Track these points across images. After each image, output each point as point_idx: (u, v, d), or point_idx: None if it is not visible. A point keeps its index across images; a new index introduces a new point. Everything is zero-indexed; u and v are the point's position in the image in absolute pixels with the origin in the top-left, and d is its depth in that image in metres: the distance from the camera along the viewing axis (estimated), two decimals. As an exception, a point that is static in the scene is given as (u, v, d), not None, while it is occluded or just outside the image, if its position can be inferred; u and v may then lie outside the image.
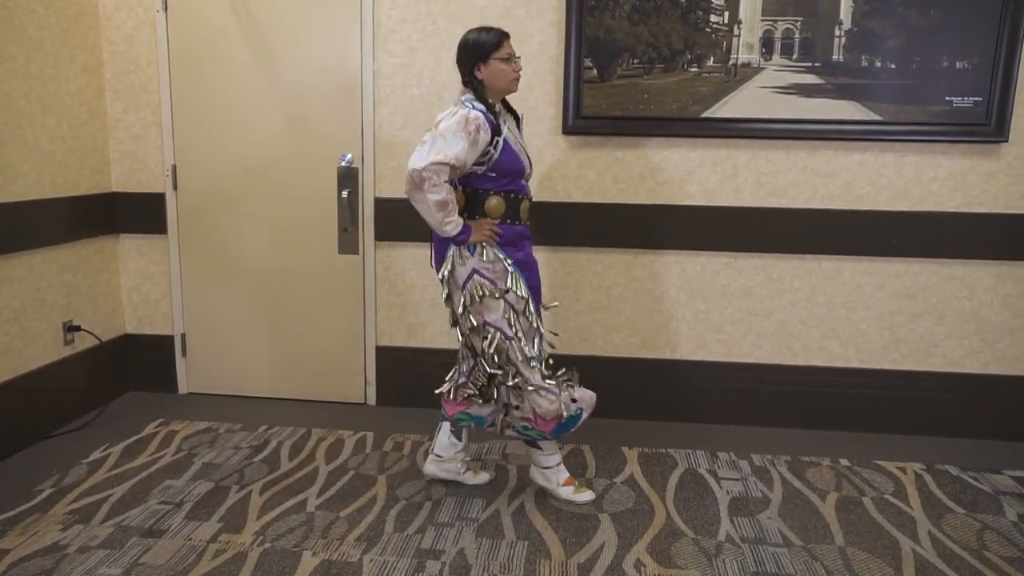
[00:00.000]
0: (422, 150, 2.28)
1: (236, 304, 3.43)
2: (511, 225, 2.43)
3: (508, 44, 2.38)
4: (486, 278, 2.40)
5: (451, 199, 2.30)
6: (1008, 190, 2.98)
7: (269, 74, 3.22)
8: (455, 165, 2.27)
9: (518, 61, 2.41)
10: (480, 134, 2.29)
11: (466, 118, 2.28)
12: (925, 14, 2.88)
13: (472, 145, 2.28)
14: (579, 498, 2.57)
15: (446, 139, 2.28)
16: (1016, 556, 2.28)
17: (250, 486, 2.64)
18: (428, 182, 2.25)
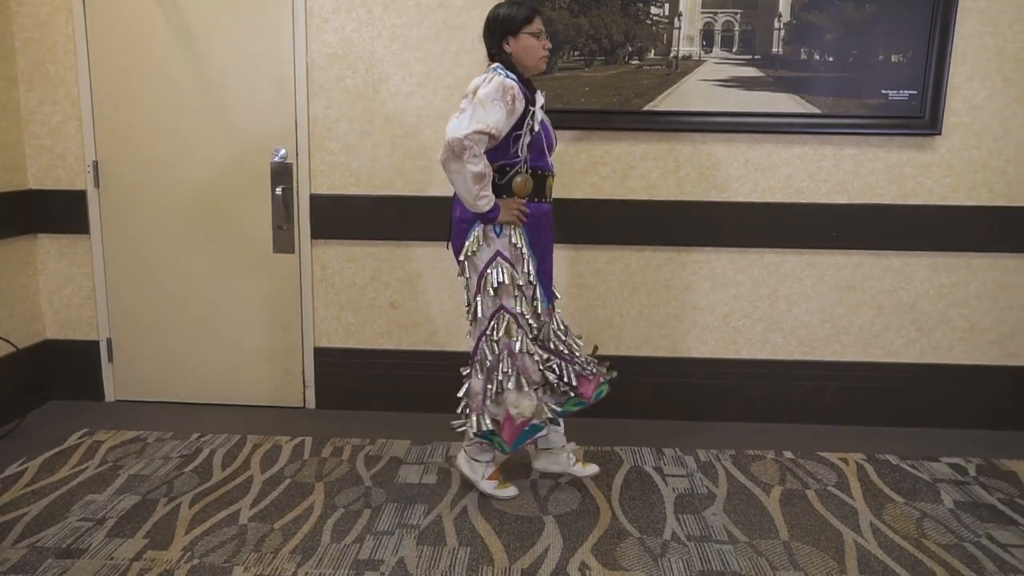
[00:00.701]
0: (461, 118, 2.19)
1: (165, 306, 3.27)
2: (538, 203, 2.37)
3: (539, 21, 2.32)
4: (508, 262, 2.34)
5: (489, 172, 2.23)
6: (941, 182, 3.02)
7: (196, 65, 3.07)
8: (494, 134, 2.19)
9: (547, 40, 2.35)
10: (516, 103, 2.21)
11: (502, 85, 2.20)
12: (861, 8, 2.90)
13: (509, 114, 2.21)
14: (501, 494, 2.54)
15: (485, 107, 2.19)
16: (953, 543, 2.30)
17: (179, 498, 2.51)
18: (468, 152, 2.17)
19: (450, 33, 3.00)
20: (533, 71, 2.36)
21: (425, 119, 3.07)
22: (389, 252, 3.18)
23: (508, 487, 2.56)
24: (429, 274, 3.19)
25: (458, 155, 2.17)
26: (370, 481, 2.66)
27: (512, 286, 2.34)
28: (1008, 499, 2.58)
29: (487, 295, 2.36)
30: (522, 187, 2.32)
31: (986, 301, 3.10)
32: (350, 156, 3.11)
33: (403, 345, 3.26)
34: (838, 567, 2.18)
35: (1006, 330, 3.12)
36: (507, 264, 2.33)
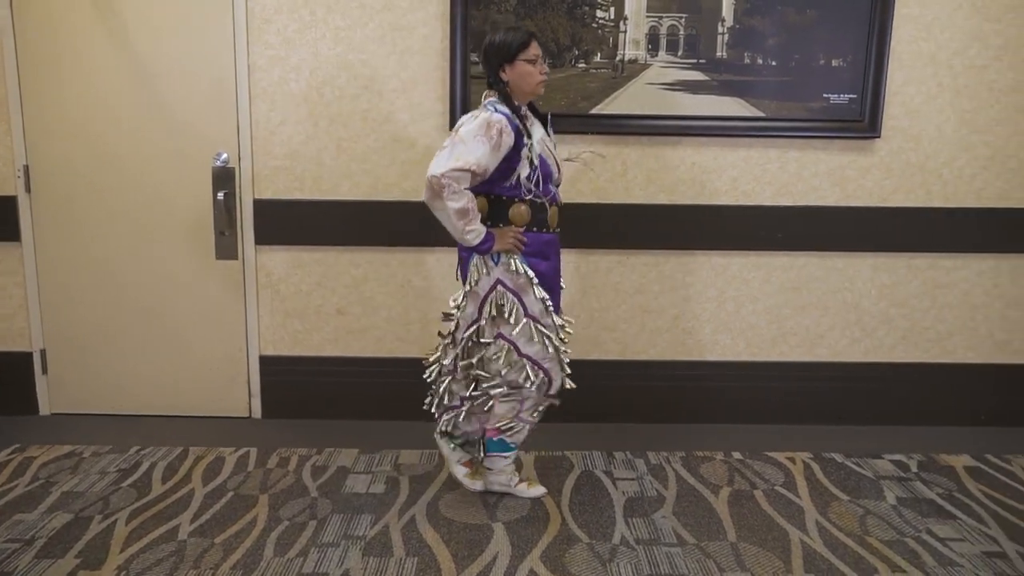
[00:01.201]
0: (441, 155, 2.17)
1: (104, 315, 3.16)
2: (538, 233, 2.34)
3: (535, 45, 2.29)
4: (510, 290, 2.31)
5: (472, 207, 2.20)
6: (882, 184, 3.08)
7: (133, 66, 2.98)
8: (476, 171, 2.17)
9: (545, 64, 2.34)
10: (503, 138, 2.20)
11: (488, 121, 2.19)
12: (802, 13, 2.94)
13: (494, 150, 2.19)
14: (469, 484, 2.56)
15: (466, 144, 2.17)
16: (895, 539, 2.34)
17: (115, 515, 2.42)
18: (448, 189, 2.15)
19: (396, 35, 2.97)
20: (531, 97, 2.35)
21: (371, 122, 3.02)
22: (335, 258, 3.13)
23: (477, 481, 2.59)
24: (376, 279, 3.14)
25: (438, 193, 2.17)
26: (316, 492, 2.60)
27: (510, 315, 2.33)
28: (947, 493, 2.63)
29: (489, 322, 2.36)
30: (519, 217, 2.31)
31: (925, 300, 3.17)
32: (294, 160, 3.05)
33: (351, 352, 3.20)
34: (784, 567, 2.19)
35: (944, 329, 3.20)
36: (510, 293, 2.32)
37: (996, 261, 3.14)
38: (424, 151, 3.03)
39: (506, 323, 2.35)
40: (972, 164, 3.07)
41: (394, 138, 3.03)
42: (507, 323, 2.35)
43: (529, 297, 2.34)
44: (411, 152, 3.04)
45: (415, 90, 3.00)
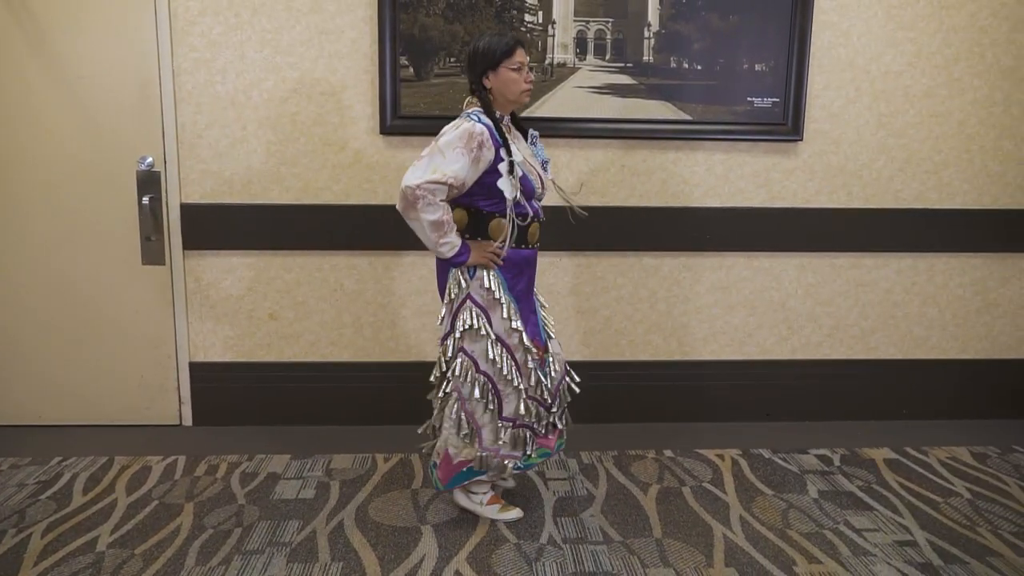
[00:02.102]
0: (418, 166, 2.12)
1: (25, 323, 3.08)
2: (517, 249, 2.29)
3: (521, 53, 2.23)
4: (478, 305, 2.27)
5: (447, 219, 2.16)
6: (805, 186, 3.17)
7: (52, 70, 2.91)
8: (453, 184, 2.13)
9: (530, 72, 2.28)
10: (483, 151, 2.15)
11: (469, 133, 2.13)
12: (725, 18, 3.01)
13: (474, 163, 2.15)
14: (506, 516, 2.44)
15: (445, 156, 2.12)
16: (814, 531, 2.40)
17: (31, 528, 2.36)
18: (422, 200, 2.11)
19: (324, 38, 2.95)
20: (514, 106, 2.30)
21: (301, 126, 3.00)
22: (267, 262, 3.09)
23: (512, 509, 2.46)
24: (309, 284, 3.12)
25: (412, 204, 2.13)
26: (244, 499, 2.57)
27: (477, 332, 2.28)
28: (866, 486, 2.72)
29: (455, 336, 2.31)
30: (499, 231, 2.26)
31: (849, 299, 3.27)
32: (223, 164, 3.01)
33: (284, 357, 3.17)
34: (705, 561, 2.24)
35: (867, 326, 3.30)
36: (477, 309, 2.28)
37: (913, 260, 3.25)
38: (354, 154, 3.02)
39: (472, 338, 2.30)
40: (890, 166, 3.17)
41: (324, 141, 3.01)
42: (473, 338, 2.30)
43: (496, 315, 2.29)
44: (342, 155, 3.03)
45: (344, 93, 2.98)
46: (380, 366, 3.18)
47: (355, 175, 3.04)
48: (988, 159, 3.20)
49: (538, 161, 2.37)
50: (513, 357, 2.32)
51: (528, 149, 2.36)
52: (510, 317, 2.29)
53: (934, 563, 2.23)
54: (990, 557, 2.26)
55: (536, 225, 2.34)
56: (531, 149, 2.38)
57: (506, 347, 2.31)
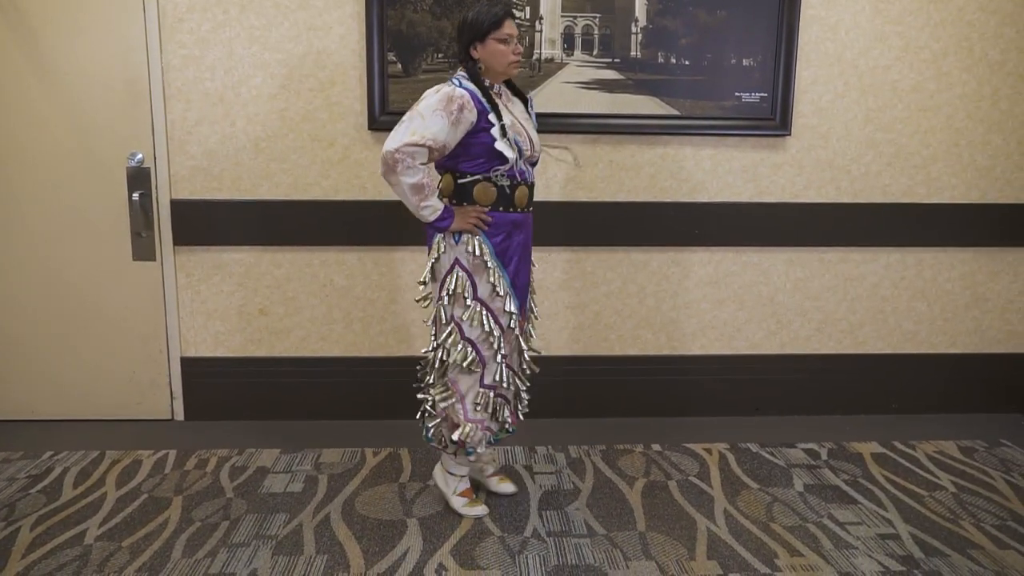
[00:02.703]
0: (398, 130, 2.15)
1: (17, 319, 3.10)
2: (504, 212, 2.28)
3: (510, 24, 2.22)
4: (465, 270, 2.28)
5: (427, 182, 2.17)
6: (793, 181, 3.17)
7: (41, 66, 2.92)
8: (432, 147, 2.14)
9: (518, 43, 2.25)
10: (464, 113, 2.15)
11: (449, 96, 2.15)
12: (713, 13, 3.01)
13: (453, 125, 2.15)
14: (470, 511, 2.45)
15: (424, 118, 2.14)
16: (797, 524, 2.41)
17: (20, 521, 2.38)
18: (401, 164, 2.13)
19: (312, 34, 2.96)
20: (503, 77, 2.29)
21: (289, 122, 3.01)
22: (257, 258, 3.11)
23: (478, 505, 2.47)
24: (299, 279, 3.13)
25: (392, 167, 2.14)
26: (232, 493, 2.59)
27: (464, 296, 2.28)
28: (852, 479, 2.73)
29: (443, 303, 2.32)
30: (483, 195, 2.25)
31: (837, 293, 3.28)
32: (212, 160, 3.03)
33: (275, 352, 3.19)
34: (687, 554, 2.25)
35: (856, 320, 3.30)
36: (463, 273, 2.28)
37: (902, 254, 3.26)
38: (343, 150, 3.03)
39: (458, 303, 2.31)
40: (878, 161, 3.17)
41: (313, 137, 3.03)
42: (460, 304, 2.31)
43: (482, 279, 2.29)
44: (330, 151, 3.04)
45: (333, 89, 2.99)
46: (370, 361, 3.20)
47: (344, 171, 3.05)
48: (977, 154, 3.21)
49: (532, 124, 2.38)
50: (498, 322, 2.33)
51: (523, 114, 2.36)
52: (495, 282, 2.30)
53: (915, 556, 2.24)
54: (971, 550, 2.27)
55: (524, 188, 2.32)
56: (528, 113, 2.38)
57: (490, 311, 2.32)
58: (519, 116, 2.33)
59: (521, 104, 2.39)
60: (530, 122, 2.37)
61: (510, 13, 2.24)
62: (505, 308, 2.33)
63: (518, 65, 2.29)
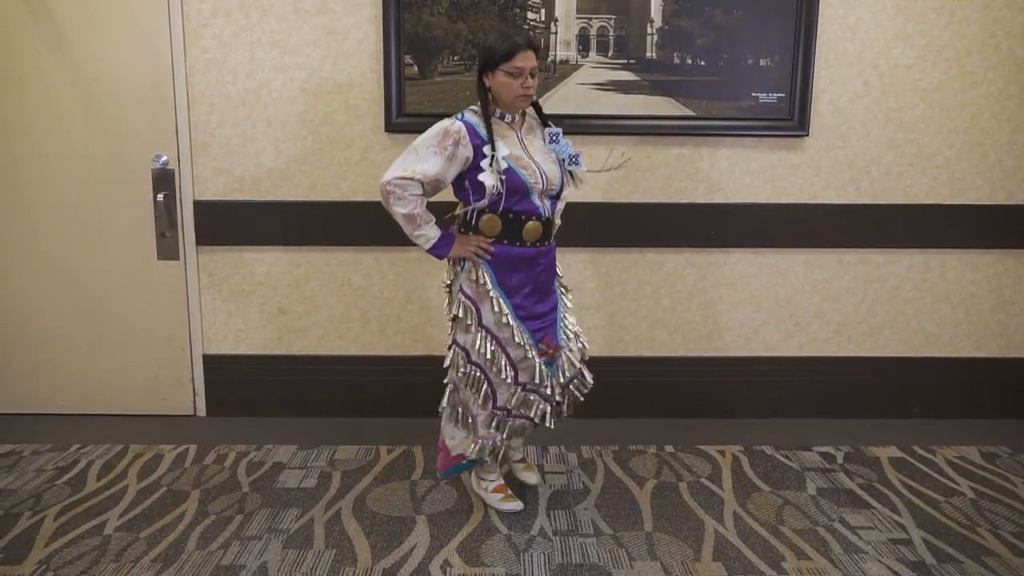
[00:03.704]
0: (395, 163, 2.24)
1: (48, 316, 3.20)
2: (509, 246, 2.29)
3: (523, 56, 2.17)
4: (468, 297, 2.32)
5: (419, 212, 2.25)
6: (812, 181, 3.14)
7: (70, 71, 3.02)
8: (423, 181, 2.21)
9: (531, 78, 2.21)
10: (459, 149, 2.20)
11: (445, 131, 2.21)
12: (729, 13, 3.00)
13: (448, 161, 2.21)
14: (504, 507, 2.47)
15: (418, 153, 2.22)
16: (807, 528, 2.39)
17: (45, 511, 2.47)
18: (392, 195, 2.22)
19: (330, 38, 3.01)
20: (510, 110, 2.28)
21: (308, 124, 3.07)
22: (276, 257, 3.17)
23: (512, 500, 2.49)
24: (317, 279, 3.19)
25: (385, 198, 2.24)
26: (248, 487, 2.65)
27: (467, 322, 2.32)
28: (867, 484, 2.69)
29: (450, 326, 2.40)
30: (488, 227, 2.28)
31: (857, 295, 3.23)
32: (233, 162, 3.10)
33: (293, 350, 3.25)
34: (693, 555, 2.25)
35: (876, 322, 3.25)
36: (467, 300, 2.32)
37: (924, 256, 3.20)
38: (361, 152, 3.08)
39: (462, 329, 2.35)
40: (899, 161, 3.13)
41: (331, 140, 3.08)
42: (462, 329, 2.35)
43: (486, 307, 2.32)
44: (348, 153, 3.09)
45: (351, 92, 3.04)
46: (386, 360, 3.25)
47: (361, 172, 3.10)
48: (1003, 154, 3.14)
49: (553, 158, 2.33)
50: (505, 351, 2.34)
51: (541, 146, 2.33)
52: (500, 311, 2.31)
53: (927, 562, 2.21)
54: (986, 557, 2.23)
55: (535, 223, 2.29)
56: (547, 146, 2.34)
57: (497, 340, 2.33)
58: (535, 148, 2.31)
59: (540, 133, 2.36)
60: (550, 155, 2.33)
61: (526, 45, 2.19)
62: (515, 339, 2.33)
63: (525, 100, 2.25)
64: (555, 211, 2.38)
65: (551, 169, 2.31)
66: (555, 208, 2.37)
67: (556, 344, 2.41)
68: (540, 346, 2.37)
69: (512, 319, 2.33)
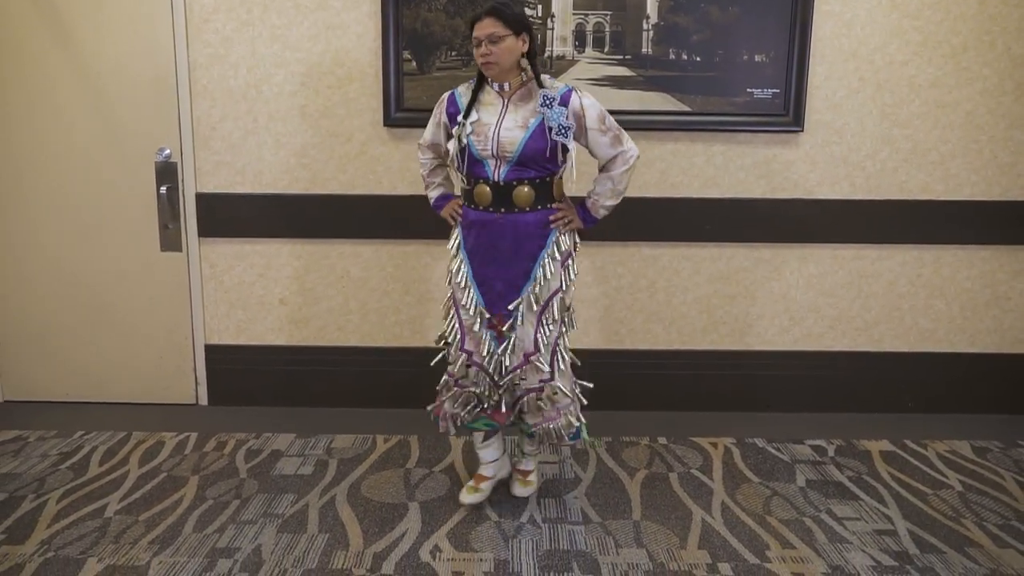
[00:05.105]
0: None
1: (55, 306, 3.27)
2: (467, 208, 2.36)
3: (479, 26, 2.20)
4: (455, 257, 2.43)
5: (424, 174, 2.50)
6: (807, 177, 3.16)
7: (74, 65, 3.08)
8: (423, 144, 2.46)
9: (488, 46, 2.19)
10: (441, 115, 2.37)
11: (440, 99, 2.40)
12: (724, 10, 3.02)
13: (436, 126, 2.40)
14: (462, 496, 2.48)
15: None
16: (794, 518, 2.42)
17: (48, 495, 2.53)
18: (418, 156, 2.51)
19: (330, 33, 3.06)
20: (492, 79, 2.28)
21: (309, 118, 3.12)
22: (277, 249, 3.23)
23: (472, 493, 2.48)
24: (317, 271, 3.24)
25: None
26: (246, 473, 2.70)
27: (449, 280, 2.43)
28: (857, 476, 2.72)
29: None
30: (478, 194, 2.31)
31: (851, 290, 3.25)
32: (235, 155, 3.15)
33: (293, 341, 3.30)
34: (679, 543, 2.28)
35: (871, 317, 3.27)
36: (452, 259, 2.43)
37: (919, 252, 3.22)
38: (360, 146, 3.13)
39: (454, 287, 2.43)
40: (894, 157, 3.14)
41: (331, 133, 3.13)
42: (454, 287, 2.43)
43: (452, 267, 2.41)
44: (348, 146, 3.14)
45: (350, 86, 3.09)
46: (385, 351, 3.29)
47: (360, 166, 3.15)
48: (998, 149, 3.15)
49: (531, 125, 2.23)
50: (458, 313, 2.39)
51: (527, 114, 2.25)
52: (457, 271, 2.39)
53: (910, 552, 2.24)
54: (969, 548, 2.26)
55: (482, 187, 2.28)
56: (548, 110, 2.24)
57: (454, 302, 2.40)
58: (515, 116, 2.25)
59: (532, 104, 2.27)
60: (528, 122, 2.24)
61: (484, 14, 2.20)
62: (463, 301, 2.36)
63: (488, 68, 2.24)
64: (518, 178, 2.27)
65: (508, 136, 2.23)
66: (516, 175, 2.26)
67: (498, 313, 2.33)
68: (492, 319, 2.35)
69: (468, 280, 2.36)
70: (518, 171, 2.27)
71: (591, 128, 2.29)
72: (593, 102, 2.31)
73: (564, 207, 2.39)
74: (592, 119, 2.29)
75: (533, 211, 2.31)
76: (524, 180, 2.28)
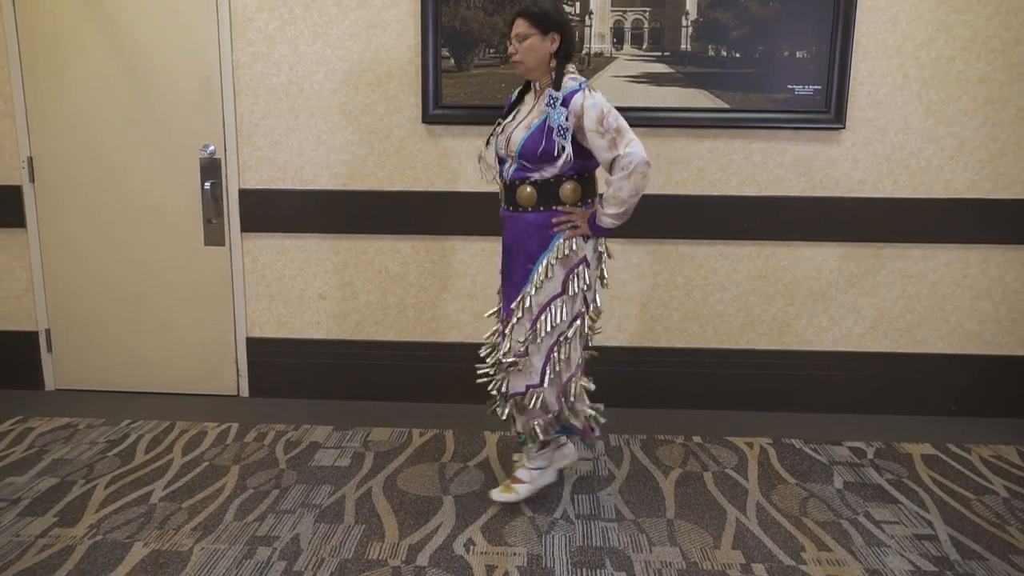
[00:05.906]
0: None
1: (102, 297, 3.38)
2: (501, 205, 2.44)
3: (515, 24, 2.25)
4: None
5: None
6: (849, 175, 3.11)
7: (124, 63, 3.17)
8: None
9: (516, 44, 2.25)
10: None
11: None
12: (765, 5, 2.99)
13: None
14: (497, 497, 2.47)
15: None
16: (830, 520, 2.39)
17: (96, 480, 2.62)
18: None
19: (371, 31, 3.10)
20: (528, 76, 2.33)
21: (349, 115, 3.16)
22: (317, 244, 3.28)
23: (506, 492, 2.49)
24: (356, 266, 3.29)
25: None
26: (285, 464, 2.76)
27: None
28: (896, 479, 2.67)
29: None
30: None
31: (894, 290, 3.19)
32: (277, 151, 3.21)
33: (332, 335, 3.35)
34: (713, 542, 2.27)
35: (913, 318, 3.21)
36: None
37: (964, 252, 3.14)
38: (399, 143, 3.16)
39: None
40: (939, 155, 3.08)
41: (370, 130, 3.17)
42: None
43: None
44: (387, 143, 3.17)
45: (390, 84, 3.13)
46: (422, 346, 3.33)
47: (399, 162, 3.18)
48: (1050, 147, 3.06)
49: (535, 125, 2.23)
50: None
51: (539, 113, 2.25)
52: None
53: (950, 557, 2.20)
54: (1013, 555, 2.21)
55: (501, 185, 2.39)
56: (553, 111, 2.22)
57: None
58: (530, 116, 2.27)
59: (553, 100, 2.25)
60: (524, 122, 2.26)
61: (517, 14, 2.24)
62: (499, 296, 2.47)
63: (516, 65, 2.30)
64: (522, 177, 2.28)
65: (513, 135, 2.28)
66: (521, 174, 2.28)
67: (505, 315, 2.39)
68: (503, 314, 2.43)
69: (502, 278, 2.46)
70: (522, 171, 2.30)
71: (588, 129, 2.19)
72: (596, 102, 2.20)
73: (572, 211, 2.29)
74: (590, 120, 2.19)
75: (535, 212, 2.30)
76: (527, 180, 2.29)
